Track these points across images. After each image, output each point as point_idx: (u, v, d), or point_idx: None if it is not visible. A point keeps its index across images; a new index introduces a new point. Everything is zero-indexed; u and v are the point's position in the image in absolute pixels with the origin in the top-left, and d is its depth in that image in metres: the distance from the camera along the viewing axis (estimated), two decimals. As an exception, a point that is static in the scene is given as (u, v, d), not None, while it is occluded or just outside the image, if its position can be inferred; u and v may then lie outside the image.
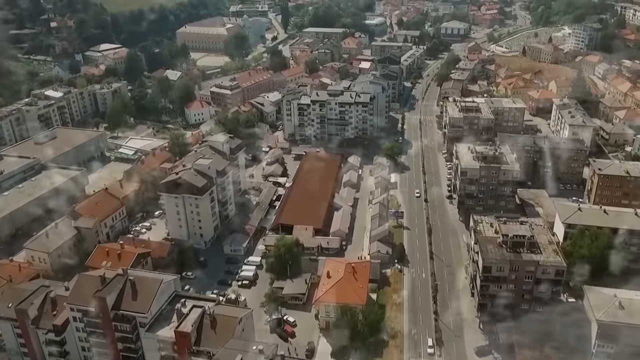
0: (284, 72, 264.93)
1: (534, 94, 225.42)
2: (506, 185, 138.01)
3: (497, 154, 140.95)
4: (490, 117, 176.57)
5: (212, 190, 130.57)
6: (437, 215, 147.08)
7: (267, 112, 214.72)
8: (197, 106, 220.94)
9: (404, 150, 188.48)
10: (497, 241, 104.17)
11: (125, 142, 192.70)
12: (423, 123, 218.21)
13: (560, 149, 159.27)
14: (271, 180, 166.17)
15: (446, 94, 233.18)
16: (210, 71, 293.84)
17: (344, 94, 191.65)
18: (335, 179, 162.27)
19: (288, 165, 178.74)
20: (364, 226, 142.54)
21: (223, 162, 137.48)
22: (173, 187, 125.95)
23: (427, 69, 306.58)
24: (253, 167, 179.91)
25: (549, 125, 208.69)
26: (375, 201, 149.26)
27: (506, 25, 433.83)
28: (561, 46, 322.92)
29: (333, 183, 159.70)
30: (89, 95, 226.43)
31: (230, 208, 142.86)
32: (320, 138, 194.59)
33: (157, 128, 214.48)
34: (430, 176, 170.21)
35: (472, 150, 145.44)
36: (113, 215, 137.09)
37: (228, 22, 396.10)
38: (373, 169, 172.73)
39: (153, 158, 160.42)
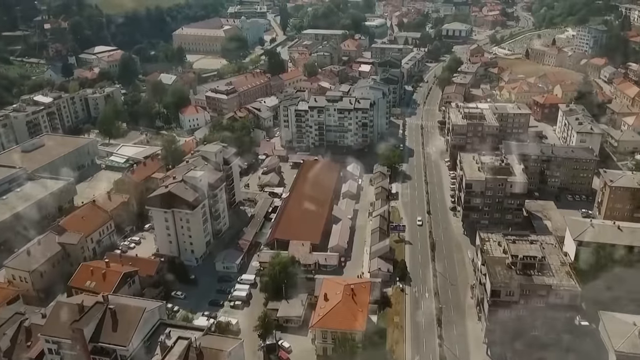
0: (282, 76, 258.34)
1: (538, 98, 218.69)
2: (513, 198, 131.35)
3: (504, 164, 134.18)
4: (495, 125, 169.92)
5: (203, 204, 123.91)
6: (440, 228, 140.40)
7: (263, 118, 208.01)
8: (191, 111, 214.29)
9: (405, 158, 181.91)
10: (505, 262, 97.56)
11: (117, 150, 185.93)
12: (425, 129, 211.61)
13: (568, 159, 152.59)
14: (267, 191, 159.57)
15: (448, 99, 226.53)
16: (206, 74, 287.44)
17: (343, 99, 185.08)
18: (333, 189, 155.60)
19: (285, 174, 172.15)
20: (364, 240, 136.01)
21: (216, 174, 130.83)
22: (162, 201, 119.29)
23: (429, 72, 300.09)
24: (249, 176, 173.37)
25: (554, 131, 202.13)
26: (376, 213, 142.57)
27: (508, 26, 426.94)
28: (565, 48, 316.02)
29: (331, 194, 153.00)
30: (80, 100, 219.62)
31: (224, 222, 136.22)
32: (318, 145, 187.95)
33: (150, 134, 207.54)
34: (433, 186, 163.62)
35: (477, 161, 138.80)
36: (100, 230, 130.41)
37: (226, 24, 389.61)
38: (373, 178, 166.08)
39: (144, 168, 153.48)
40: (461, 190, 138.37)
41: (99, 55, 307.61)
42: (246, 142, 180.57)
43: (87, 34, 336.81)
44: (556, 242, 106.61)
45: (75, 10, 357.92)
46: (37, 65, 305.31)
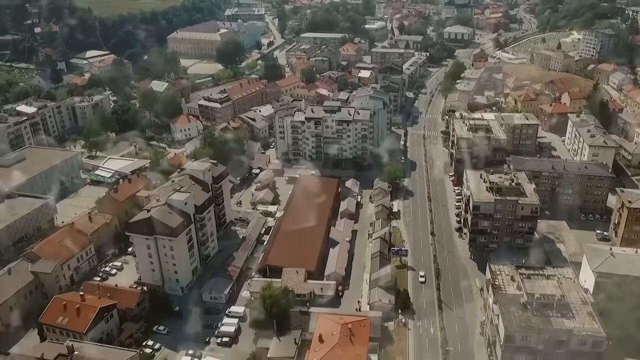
0: (279, 83, 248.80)
1: (546, 107, 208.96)
2: (524, 221, 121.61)
3: (514, 184, 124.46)
4: (503, 138, 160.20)
5: (189, 229, 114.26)
6: (445, 252, 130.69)
7: (258, 129, 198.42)
8: (183, 121, 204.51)
9: (407, 172, 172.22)
10: (520, 301, 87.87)
11: (103, 163, 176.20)
12: (427, 139, 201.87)
13: (581, 175, 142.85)
14: (260, 209, 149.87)
15: (452, 107, 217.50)
16: (200, 80, 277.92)
17: (341, 110, 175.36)
18: (331, 207, 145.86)
19: (280, 190, 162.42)
20: (363, 265, 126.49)
21: (203, 195, 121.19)
22: (143, 227, 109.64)
23: (431, 78, 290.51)
24: (241, 191, 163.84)
25: (564, 143, 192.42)
26: (376, 235, 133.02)
27: (511, 29, 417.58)
28: (571, 53, 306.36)
29: (329, 213, 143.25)
30: (67, 109, 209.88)
31: (212, 246, 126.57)
32: (315, 158, 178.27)
33: (139, 145, 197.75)
34: (437, 203, 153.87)
35: (484, 179, 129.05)
36: (79, 255, 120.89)
37: (222, 27, 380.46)
38: (373, 195, 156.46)
39: (128, 185, 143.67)
40: (468, 211, 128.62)
41: (90, 60, 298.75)
42: (239, 156, 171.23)
43: (79, 38, 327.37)
44: (574, 276, 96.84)
45: (68, 14, 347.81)
46: (27, 71, 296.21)
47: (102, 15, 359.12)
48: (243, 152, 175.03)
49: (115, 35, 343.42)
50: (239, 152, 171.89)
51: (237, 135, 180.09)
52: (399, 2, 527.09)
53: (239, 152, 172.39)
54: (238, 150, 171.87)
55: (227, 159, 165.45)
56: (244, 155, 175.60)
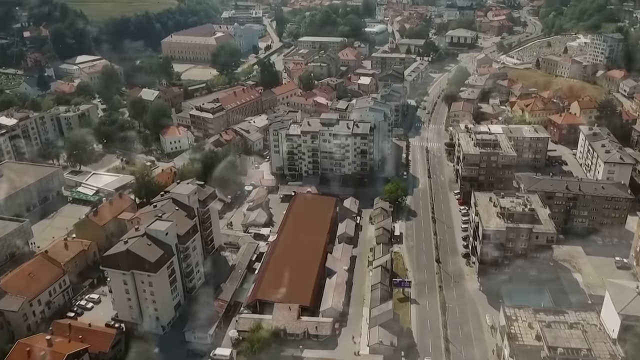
0: (275, 90, 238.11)
1: (556, 118, 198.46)
2: (539, 251, 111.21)
3: (527, 209, 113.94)
4: (512, 155, 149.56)
5: (171, 261, 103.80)
6: (451, 282, 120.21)
7: (252, 141, 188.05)
8: (173, 132, 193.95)
9: (410, 189, 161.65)
10: (541, 355, 77.41)
11: (86, 179, 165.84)
12: (430, 152, 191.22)
13: (598, 197, 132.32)
14: (252, 232, 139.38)
15: (456, 117, 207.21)
16: (194, 87, 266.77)
17: (339, 123, 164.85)
18: (328, 231, 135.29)
19: (274, 210, 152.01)
20: (363, 297, 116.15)
21: (187, 223, 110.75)
22: (120, 261, 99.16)
23: (433, 84, 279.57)
24: (233, 211, 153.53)
25: (575, 156, 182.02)
26: (377, 263, 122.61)
27: (515, 32, 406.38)
28: (577, 57, 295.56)
29: (326, 237, 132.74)
30: (51, 120, 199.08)
31: (198, 277, 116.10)
32: (312, 173, 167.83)
33: (127, 159, 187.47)
34: (442, 225, 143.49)
35: (494, 203, 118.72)
36: (51, 288, 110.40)
37: (218, 30, 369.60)
38: (374, 215, 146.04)
39: (109, 207, 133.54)
40: (476, 238, 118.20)
41: (81, 65, 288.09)
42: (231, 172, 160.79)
43: (69, 43, 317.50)
44: (600, 323, 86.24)
45: (58, 17, 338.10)
46: (14, 77, 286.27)
47: (94, 19, 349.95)
48: (235, 168, 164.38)
49: (108, 39, 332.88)
50: (230, 168, 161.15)
51: (229, 149, 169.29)
52: (400, 4, 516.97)
53: (231, 168, 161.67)
54: (230, 166, 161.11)
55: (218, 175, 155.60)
56: (236, 171, 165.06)
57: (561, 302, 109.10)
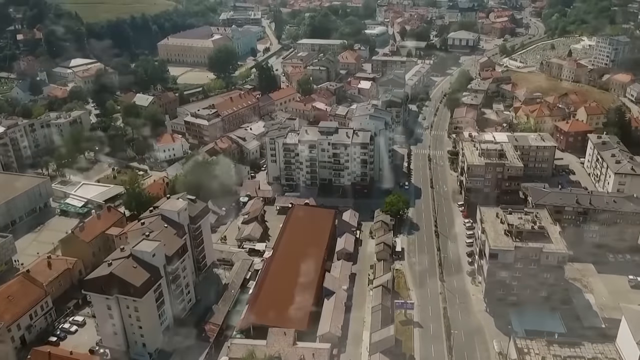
0: (273, 95, 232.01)
1: (562, 125, 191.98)
2: (550, 272, 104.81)
3: (537, 227, 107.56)
4: (519, 165, 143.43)
5: (159, 284, 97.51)
6: (456, 303, 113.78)
7: (248, 149, 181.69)
8: (167, 140, 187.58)
9: (412, 200, 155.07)
10: (556, 395, 71.22)
11: (75, 190, 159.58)
12: (433, 160, 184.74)
13: (610, 211, 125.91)
14: (247, 247, 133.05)
15: (459, 124, 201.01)
16: (190, 91, 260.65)
17: (338, 132, 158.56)
18: (326, 246, 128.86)
19: (270, 223, 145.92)
20: (363, 319, 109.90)
21: (176, 242, 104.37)
22: (103, 285, 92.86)
23: (435, 88, 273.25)
24: (227, 224, 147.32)
25: (582, 165, 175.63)
26: (377, 282, 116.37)
27: (518, 34, 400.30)
28: (582, 60, 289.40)
29: (324, 253, 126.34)
30: (41, 127, 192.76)
31: (188, 298, 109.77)
32: (310, 184, 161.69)
33: (118, 167, 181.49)
34: (445, 240, 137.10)
35: (501, 220, 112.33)
36: (32, 311, 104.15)
37: (216, 33, 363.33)
38: (374, 229, 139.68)
39: (96, 222, 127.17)
40: (483, 257, 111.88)
41: (75, 69, 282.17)
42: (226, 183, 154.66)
43: (63, 45, 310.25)
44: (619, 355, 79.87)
45: (53, 19, 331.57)
46: (7, 81, 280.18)
47: (90, 21, 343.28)
48: (230, 179, 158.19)
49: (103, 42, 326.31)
50: (225, 179, 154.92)
51: (224, 159, 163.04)
52: (401, 5, 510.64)
53: (226, 178, 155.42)
54: (224, 177, 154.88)
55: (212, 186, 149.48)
56: (231, 182, 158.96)
57: (573, 326, 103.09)
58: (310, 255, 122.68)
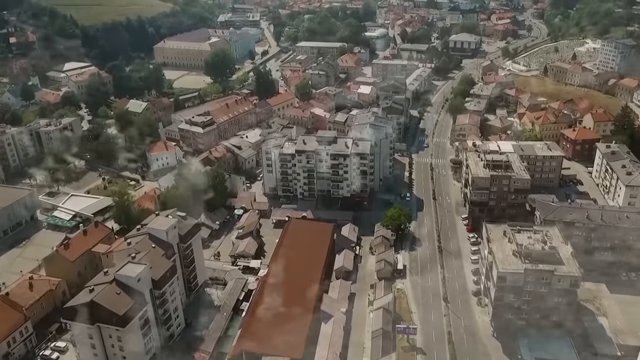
0: (270, 101, 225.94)
1: (568, 132, 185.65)
2: (562, 295, 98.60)
3: (547, 248, 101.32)
4: (526, 178, 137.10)
5: (144, 310, 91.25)
6: (461, 327, 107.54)
7: (244, 158, 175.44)
8: (160, 148, 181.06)
9: (414, 213, 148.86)
10: None
11: (63, 202, 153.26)
12: (435, 169, 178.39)
13: (623, 228, 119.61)
14: (241, 264, 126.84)
15: (461, 131, 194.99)
16: (186, 95, 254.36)
17: (337, 141, 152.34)
18: (324, 264, 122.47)
19: (266, 238, 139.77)
20: (362, 344, 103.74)
21: (164, 264, 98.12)
22: (83, 313, 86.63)
23: (436, 93, 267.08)
24: (221, 239, 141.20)
25: (590, 175, 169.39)
26: (378, 304, 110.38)
27: (520, 36, 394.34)
28: (587, 64, 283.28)
29: (321, 271, 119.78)
30: (31, 135, 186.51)
31: (177, 322, 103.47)
32: (308, 195, 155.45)
33: (110, 177, 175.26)
34: (449, 256, 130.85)
35: (509, 239, 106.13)
36: (10, 338, 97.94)
37: (214, 35, 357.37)
38: (374, 245, 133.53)
39: (83, 238, 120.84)
40: (490, 278, 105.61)
41: (68, 73, 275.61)
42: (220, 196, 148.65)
43: (58, 49, 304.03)
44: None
45: (47, 22, 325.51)
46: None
47: (85, 23, 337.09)
48: (224, 191, 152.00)
49: (98, 45, 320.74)
50: (219, 192, 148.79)
51: (218, 169, 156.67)
52: (401, 6, 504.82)
53: (220, 191, 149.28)
54: (218, 189, 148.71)
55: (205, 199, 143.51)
56: (226, 194, 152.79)
57: (586, 353, 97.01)
58: (307, 274, 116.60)
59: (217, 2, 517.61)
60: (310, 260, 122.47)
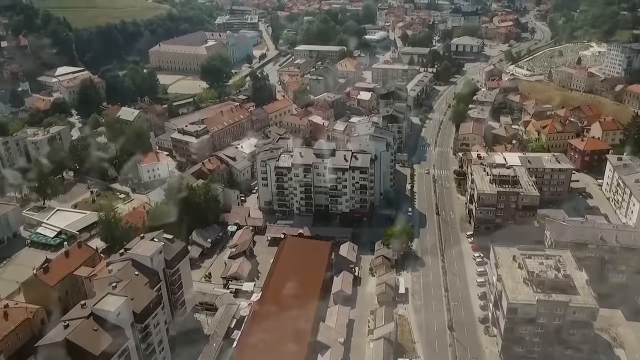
0: (267, 108, 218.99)
1: (577, 143, 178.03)
2: (577, 328, 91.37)
3: (561, 276, 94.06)
4: (535, 194, 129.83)
5: (125, 346, 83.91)
6: (468, 358, 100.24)
7: (238, 170, 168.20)
8: (151, 160, 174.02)
9: (416, 229, 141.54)
10: None
11: (48, 218, 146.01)
12: (438, 181, 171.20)
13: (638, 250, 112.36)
14: (233, 288, 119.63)
15: (465, 140, 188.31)
16: (180, 102, 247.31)
17: (335, 154, 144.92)
18: (321, 287, 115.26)
19: (260, 257, 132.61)
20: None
21: (147, 295, 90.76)
22: (56, 353, 79.20)
23: (438, 98, 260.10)
24: (213, 258, 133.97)
25: (600, 188, 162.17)
26: (379, 334, 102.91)
27: (523, 39, 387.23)
28: (592, 68, 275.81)
29: (318, 294, 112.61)
30: (17, 145, 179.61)
31: (162, 356, 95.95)
32: (305, 210, 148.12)
33: (99, 190, 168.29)
34: (453, 278, 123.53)
35: (519, 265, 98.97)
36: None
37: (210, 38, 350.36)
38: (375, 266, 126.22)
39: (64, 260, 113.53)
40: (499, 307, 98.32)
41: (60, 78, 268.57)
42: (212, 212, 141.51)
43: (50, 53, 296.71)
44: None
45: (40, 25, 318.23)
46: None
47: (79, 27, 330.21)
48: (217, 205, 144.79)
49: (92, 48, 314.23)
50: (212, 207, 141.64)
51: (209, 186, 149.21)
52: (402, 8, 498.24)
53: (212, 206, 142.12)
54: (211, 204, 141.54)
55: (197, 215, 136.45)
56: (219, 209, 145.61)
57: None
58: (302, 299, 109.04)
59: (215, 4, 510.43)
60: (307, 283, 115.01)
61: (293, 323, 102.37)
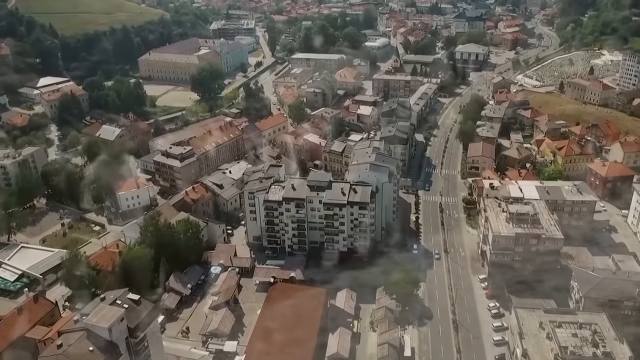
0: (260, 124, 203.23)
1: (598, 168, 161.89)
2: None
3: (601, 354, 78.44)
4: (559, 237, 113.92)
5: None
6: None
7: (225, 199, 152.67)
8: (130, 186, 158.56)
9: (422, 272, 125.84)
10: None
11: (9, 257, 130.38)
12: (445, 210, 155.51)
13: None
14: (213, 349, 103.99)
15: (474, 164, 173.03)
16: (168, 116, 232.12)
17: (332, 186, 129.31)
18: (314, 347, 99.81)
19: (246, 305, 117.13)
20: None
21: (101, 379, 75.20)
22: None
23: (443, 112, 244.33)
24: (193, 306, 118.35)
25: (625, 220, 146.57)
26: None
27: (530, 46, 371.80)
28: (606, 79, 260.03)
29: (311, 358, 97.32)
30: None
31: None
32: (298, 248, 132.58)
33: (71, 221, 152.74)
34: (466, 334, 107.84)
35: (548, 334, 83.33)
36: None
37: (204, 46, 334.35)
38: (376, 319, 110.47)
39: (17, 318, 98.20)
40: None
41: (42, 89, 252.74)
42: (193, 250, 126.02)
43: (33, 62, 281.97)
44: None
45: (24, 33, 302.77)
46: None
47: (65, 34, 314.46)
48: (199, 244, 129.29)
49: (79, 57, 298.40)
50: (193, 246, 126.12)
51: (194, 215, 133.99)
52: (403, 13, 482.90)
53: (194, 244, 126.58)
54: (192, 242, 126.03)
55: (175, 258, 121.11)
56: (201, 247, 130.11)
57: None
58: None
59: (211, 8, 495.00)
60: (297, 343, 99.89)
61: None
